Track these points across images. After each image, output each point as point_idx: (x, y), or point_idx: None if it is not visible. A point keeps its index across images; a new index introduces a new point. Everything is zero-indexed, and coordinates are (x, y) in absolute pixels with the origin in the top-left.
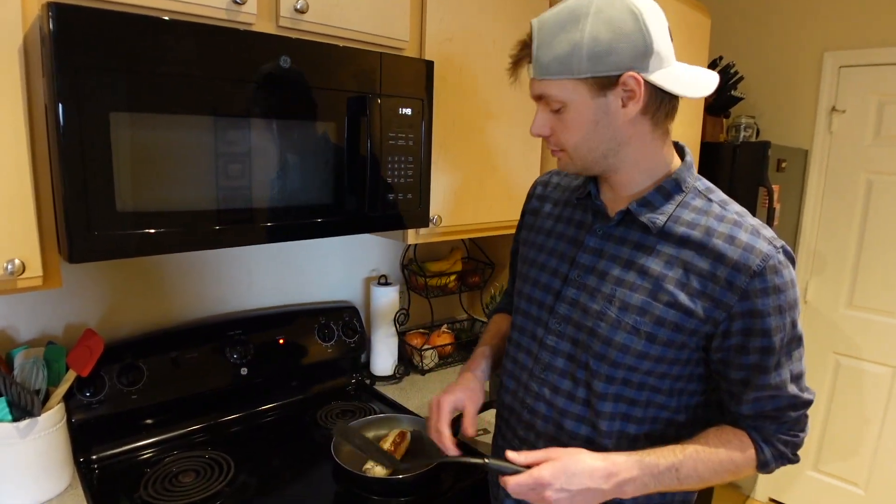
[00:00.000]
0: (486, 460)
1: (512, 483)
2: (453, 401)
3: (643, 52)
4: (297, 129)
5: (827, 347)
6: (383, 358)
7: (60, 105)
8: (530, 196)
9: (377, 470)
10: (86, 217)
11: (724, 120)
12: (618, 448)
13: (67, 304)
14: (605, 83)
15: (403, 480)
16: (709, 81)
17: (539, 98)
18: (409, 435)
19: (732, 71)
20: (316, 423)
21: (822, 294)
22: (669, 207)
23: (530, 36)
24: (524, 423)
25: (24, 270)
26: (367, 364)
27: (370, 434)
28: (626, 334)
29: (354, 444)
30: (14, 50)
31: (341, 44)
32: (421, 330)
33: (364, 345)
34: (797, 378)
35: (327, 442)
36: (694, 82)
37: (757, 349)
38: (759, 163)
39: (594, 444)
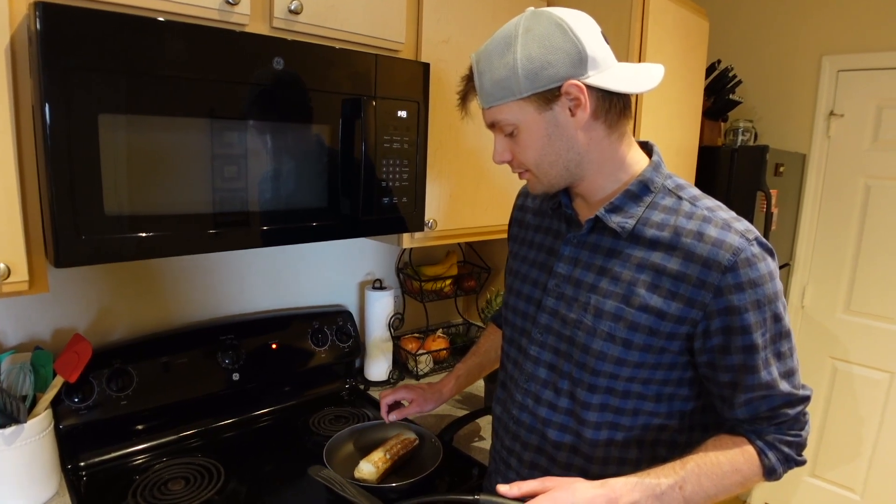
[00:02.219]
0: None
1: None
2: (408, 396)
3: (577, 60)
4: (291, 132)
5: (824, 352)
6: (378, 363)
7: (47, 106)
8: (514, 207)
9: (366, 474)
10: (73, 220)
11: (722, 124)
12: (606, 456)
13: (56, 309)
14: (548, 97)
15: (396, 488)
16: (652, 75)
17: (492, 126)
18: (416, 443)
19: (731, 75)
20: (309, 429)
21: (820, 299)
22: (638, 210)
23: (471, 69)
24: (510, 433)
25: (9, 275)
26: (362, 369)
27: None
28: (603, 341)
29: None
30: (1, 50)
31: (336, 45)
32: (416, 334)
33: (358, 350)
34: (789, 375)
35: (320, 448)
36: (636, 78)
37: (739, 348)
38: (757, 167)
39: (579, 453)
